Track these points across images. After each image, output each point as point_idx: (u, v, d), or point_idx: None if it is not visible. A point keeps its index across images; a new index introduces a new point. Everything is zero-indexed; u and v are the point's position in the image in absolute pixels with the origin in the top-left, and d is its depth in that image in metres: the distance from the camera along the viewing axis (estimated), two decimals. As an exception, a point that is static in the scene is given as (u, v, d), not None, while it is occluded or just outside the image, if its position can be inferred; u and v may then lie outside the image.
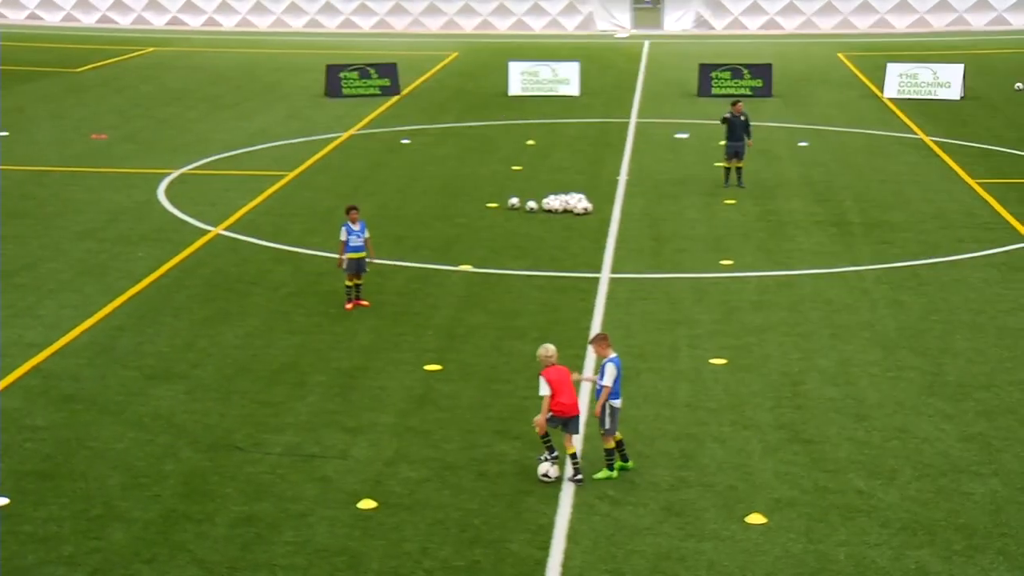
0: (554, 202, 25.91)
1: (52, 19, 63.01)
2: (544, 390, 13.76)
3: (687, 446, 14.76)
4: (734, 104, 27.75)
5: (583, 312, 19.55)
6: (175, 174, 29.54)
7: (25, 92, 41.72)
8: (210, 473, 14.11)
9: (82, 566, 12.13)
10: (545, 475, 13.86)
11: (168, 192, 27.63)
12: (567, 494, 13.60)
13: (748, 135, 27.45)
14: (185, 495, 13.59)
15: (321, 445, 14.83)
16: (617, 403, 13.90)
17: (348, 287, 19.80)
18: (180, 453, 14.62)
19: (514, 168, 30.29)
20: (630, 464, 14.14)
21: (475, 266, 22.08)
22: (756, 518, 13.07)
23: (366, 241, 19.66)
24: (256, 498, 13.51)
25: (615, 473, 13.97)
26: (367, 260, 19.75)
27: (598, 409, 13.87)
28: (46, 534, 12.73)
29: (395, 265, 22.10)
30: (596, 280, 21.26)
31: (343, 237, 19.51)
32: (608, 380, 13.77)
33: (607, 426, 13.84)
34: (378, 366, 17.35)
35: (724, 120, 27.55)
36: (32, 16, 63.13)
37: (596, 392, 14.16)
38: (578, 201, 25.88)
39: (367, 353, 17.85)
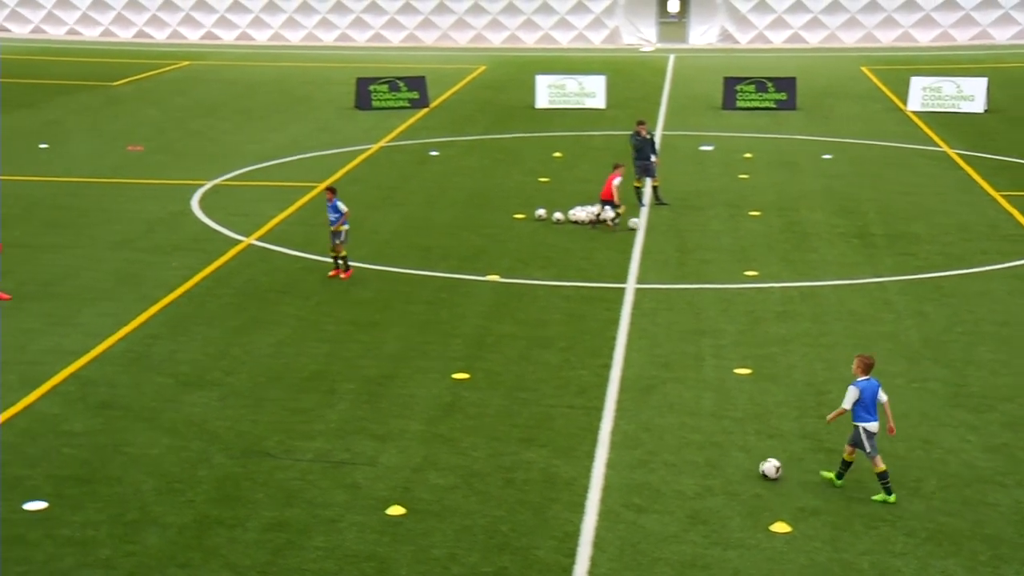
0: (580, 213, 26.15)
1: (91, 34, 63.72)
2: None
3: (712, 455, 14.93)
4: (639, 124, 27.76)
5: (609, 322, 19.75)
6: (208, 185, 29.92)
7: (64, 105, 42.28)
8: (242, 479, 14.36)
9: (118, 570, 12.39)
10: None
11: (202, 203, 28.00)
12: (593, 501, 13.79)
13: (655, 153, 27.52)
14: (218, 500, 13.85)
15: (351, 452, 15.07)
16: (868, 426, 13.62)
17: (333, 257, 22.19)
18: (213, 459, 14.88)
19: (541, 180, 30.53)
20: (892, 498, 13.73)
21: (502, 276, 22.31)
22: (781, 527, 13.21)
23: (343, 216, 21.94)
24: (287, 504, 13.76)
25: (892, 497, 13.71)
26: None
27: (830, 417, 14.01)
28: (83, 538, 13.01)
29: (423, 275, 22.36)
30: (622, 290, 21.46)
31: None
32: (845, 402, 13.69)
33: (867, 450, 13.65)
34: (406, 374, 17.60)
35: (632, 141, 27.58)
36: (71, 31, 63.90)
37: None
38: (605, 212, 26.09)
39: (396, 361, 18.10)
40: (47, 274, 22.34)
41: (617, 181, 25.15)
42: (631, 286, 21.73)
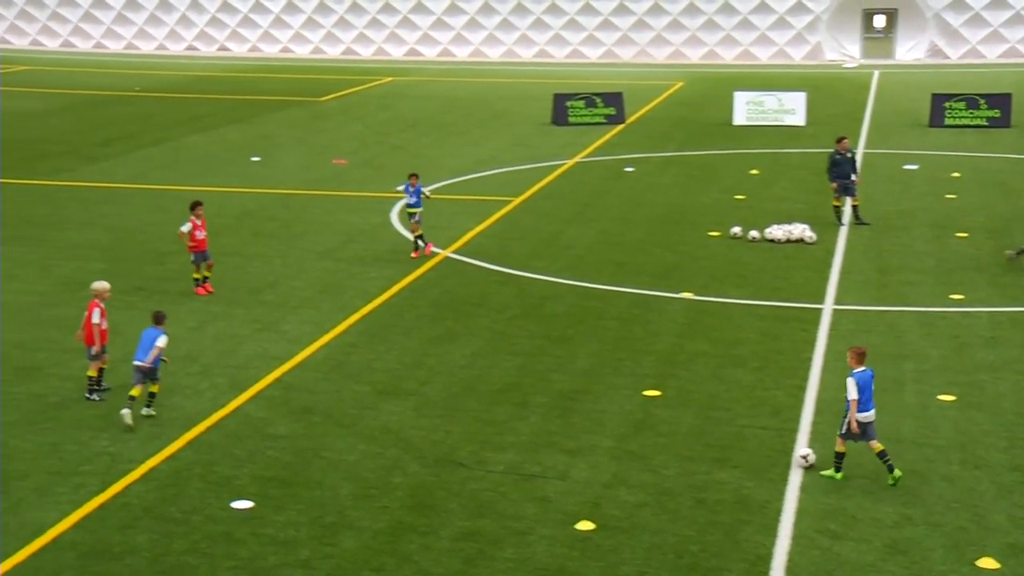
0: (777, 232, 25.70)
1: (302, 52, 66.34)
2: (98, 319, 17.05)
3: (913, 483, 14.42)
4: (839, 141, 27.00)
5: (805, 343, 19.33)
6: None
7: (274, 120, 44.10)
8: (435, 487, 14.63)
9: (317, 571, 12.78)
10: None
11: (401, 215, 28.73)
12: (787, 525, 13.51)
13: (855, 171, 26.72)
14: (412, 507, 14.14)
15: (542, 465, 15.17)
16: (864, 416, 14.27)
17: (415, 238, 24.71)
18: (407, 467, 15.21)
19: (737, 197, 30.15)
20: (897, 474, 14.35)
21: (696, 294, 22.11)
22: (988, 562, 12.66)
23: (423, 198, 24.79)
24: (478, 514, 13.94)
25: (897, 472, 14.35)
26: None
27: (854, 425, 14.30)
28: (285, 538, 13.49)
29: (616, 291, 22.36)
30: (819, 311, 20.97)
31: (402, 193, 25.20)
32: (850, 394, 14.28)
33: (843, 431, 14.42)
34: (598, 390, 17.62)
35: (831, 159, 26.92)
36: (285, 49, 66.67)
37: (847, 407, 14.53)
38: (802, 231, 25.61)
39: (587, 376, 18.15)
40: (255, 282, 23.29)
41: None
42: (828, 307, 21.21)
